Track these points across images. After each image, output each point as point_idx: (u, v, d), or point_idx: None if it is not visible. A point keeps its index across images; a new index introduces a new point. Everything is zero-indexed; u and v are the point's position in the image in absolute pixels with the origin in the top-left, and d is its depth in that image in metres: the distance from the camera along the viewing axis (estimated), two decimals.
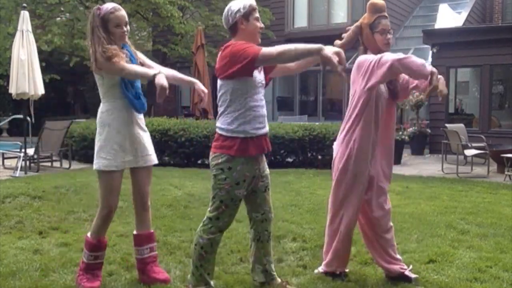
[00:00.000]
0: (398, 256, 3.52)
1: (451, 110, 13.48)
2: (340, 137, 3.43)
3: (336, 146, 3.45)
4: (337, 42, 3.40)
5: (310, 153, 9.86)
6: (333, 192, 3.49)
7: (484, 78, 12.44)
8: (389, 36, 3.32)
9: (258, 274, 3.25)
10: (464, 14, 15.62)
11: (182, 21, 14.42)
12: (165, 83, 3.00)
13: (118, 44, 3.21)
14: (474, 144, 10.09)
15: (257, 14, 3.03)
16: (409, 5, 16.95)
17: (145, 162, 3.37)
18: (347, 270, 3.58)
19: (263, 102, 3.09)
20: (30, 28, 8.79)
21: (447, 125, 11.02)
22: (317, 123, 10.59)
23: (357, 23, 3.38)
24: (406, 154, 11.58)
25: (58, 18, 15.93)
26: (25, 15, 8.72)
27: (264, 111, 3.07)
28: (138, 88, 3.31)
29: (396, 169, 9.57)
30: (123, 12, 3.21)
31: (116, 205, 3.34)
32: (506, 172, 8.58)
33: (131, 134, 3.28)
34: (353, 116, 3.30)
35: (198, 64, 11.53)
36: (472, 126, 12.50)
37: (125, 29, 3.21)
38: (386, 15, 3.35)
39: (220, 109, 3.02)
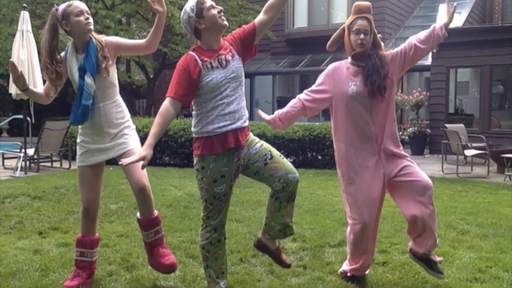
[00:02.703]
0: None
1: (451, 110, 13.48)
2: None
3: None
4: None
5: (310, 153, 9.87)
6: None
7: (484, 78, 12.44)
8: (362, 36, 3.25)
9: (273, 231, 3.05)
10: (464, 14, 15.62)
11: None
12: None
13: (83, 37, 3.21)
14: (474, 144, 10.09)
15: (207, 3, 2.92)
16: (409, 5, 16.96)
17: (115, 153, 3.31)
18: (362, 274, 3.51)
19: (232, 98, 2.93)
20: (30, 28, 8.80)
21: (447, 125, 11.02)
22: (317, 123, 10.59)
23: (343, 26, 3.40)
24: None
25: None
26: (25, 15, 8.73)
27: (232, 107, 2.92)
28: (84, 102, 3.21)
29: None
30: (79, 2, 3.23)
31: (93, 201, 3.35)
32: (506, 173, 8.58)
33: (99, 135, 3.31)
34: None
35: None
36: (472, 126, 12.50)
37: (87, 16, 3.19)
38: (367, 16, 3.29)
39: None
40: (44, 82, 3.48)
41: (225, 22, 2.97)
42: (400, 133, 11.12)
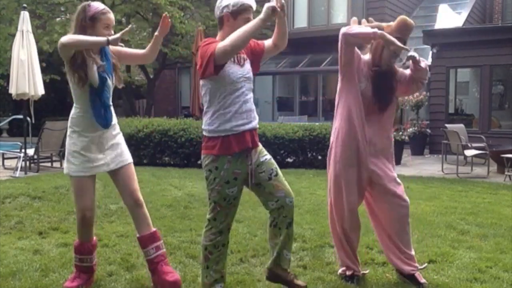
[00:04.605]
0: (412, 252, 3.48)
1: (451, 110, 13.48)
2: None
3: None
4: (374, 25, 3.33)
5: (310, 153, 9.87)
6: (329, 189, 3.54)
7: (484, 78, 12.44)
8: (394, 60, 3.31)
9: (272, 262, 3.09)
10: (464, 14, 15.63)
11: (182, 20, 14.43)
12: (117, 36, 3.02)
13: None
14: (474, 145, 10.09)
15: (248, 15, 2.94)
16: (409, 5, 16.96)
17: (116, 165, 3.32)
18: (360, 273, 3.53)
19: (248, 96, 2.97)
20: (30, 29, 8.79)
21: (447, 125, 11.02)
22: (317, 124, 10.59)
23: (383, 25, 3.30)
24: (406, 154, 11.58)
25: (58, 19, 15.93)
26: (25, 15, 8.72)
27: (248, 105, 2.96)
28: (105, 99, 3.24)
29: (396, 170, 9.50)
30: (112, 15, 3.21)
31: (89, 208, 3.30)
32: (506, 173, 8.58)
33: (98, 141, 3.26)
34: (336, 104, 3.44)
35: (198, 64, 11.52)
36: (472, 127, 12.50)
37: (111, 32, 3.20)
38: (406, 39, 3.29)
39: (204, 109, 3.01)
40: (44, 82, 3.48)
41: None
42: (400, 133, 11.11)
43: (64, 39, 3.02)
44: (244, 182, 3.01)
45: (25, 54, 8.50)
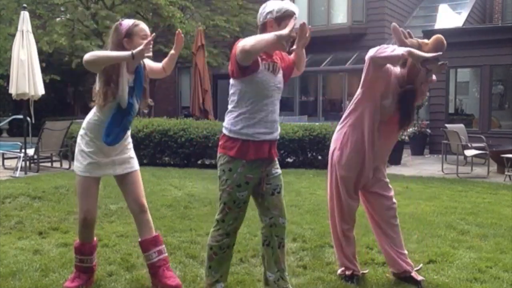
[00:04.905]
0: (405, 251, 3.53)
1: (451, 110, 13.48)
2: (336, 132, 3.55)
3: (332, 142, 3.56)
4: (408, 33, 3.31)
5: (310, 153, 9.87)
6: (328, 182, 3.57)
7: (484, 78, 12.44)
8: (432, 79, 3.29)
9: (268, 281, 3.09)
10: (464, 14, 15.63)
11: (182, 20, 14.44)
12: (141, 48, 2.98)
13: (139, 60, 3.16)
14: (474, 145, 10.09)
15: (290, 27, 2.86)
16: (409, 5, 16.96)
17: (123, 170, 3.33)
18: (360, 273, 3.54)
19: (276, 106, 2.95)
20: (30, 29, 8.79)
21: (447, 125, 11.02)
22: (317, 124, 10.59)
23: (420, 41, 3.26)
24: (406, 154, 11.58)
25: (58, 19, 15.94)
26: (25, 15, 8.72)
27: (275, 116, 2.95)
28: (127, 123, 3.24)
29: (396, 169, 9.61)
30: (145, 25, 3.20)
31: (92, 211, 3.30)
32: (506, 173, 8.58)
33: (108, 149, 3.26)
34: (349, 110, 3.43)
35: (198, 64, 11.54)
36: (472, 127, 12.50)
37: (151, 41, 3.15)
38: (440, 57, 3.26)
39: (228, 107, 2.97)
40: (44, 82, 3.46)
41: (286, 48, 2.97)
42: (400, 133, 11.11)
43: (87, 56, 2.98)
44: (254, 188, 3.00)
45: (25, 54, 8.50)
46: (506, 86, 13.46)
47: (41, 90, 8.75)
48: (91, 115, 3.26)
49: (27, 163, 8.91)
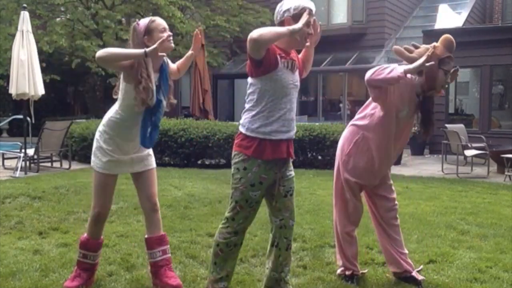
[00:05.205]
0: (405, 251, 3.54)
1: (451, 110, 13.48)
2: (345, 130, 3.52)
3: (341, 140, 3.53)
4: (414, 46, 3.27)
5: (310, 153, 9.86)
6: (333, 184, 3.56)
7: (484, 78, 12.44)
8: (448, 80, 3.24)
9: (271, 280, 3.10)
10: (464, 14, 15.63)
11: (182, 20, 14.44)
12: (154, 46, 2.96)
13: (162, 55, 3.14)
14: (474, 145, 10.10)
15: (310, 19, 2.88)
16: (409, 5, 16.96)
17: (141, 168, 3.34)
18: (360, 273, 3.55)
19: (293, 105, 2.94)
20: (30, 29, 8.79)
21: (447, 125, 11.02)
22: (317, 124, 10.59)
23: (431, 47, 3.18)
24: (406, 154, 11.58)
25: (58, 19, 15.94)
26: (25, 15, 8.72)
27: (292, 114, 2.92)
28: (157, 120, 3.20)
29: (396, 169, 9.60)
30: (161, 20, 3.19)
31: (107, 207, 3.31)
32: (506, 173, 8.58)
33: (129, 147, 3.26)
34: (364, 113, 3.39)
35: (199, 64, 11.54)
36: (472, 127, 12.50)
37: (170, 33, 3.16)
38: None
39: (245, 106, 2.95)
40: (44, 82, 3.45)
41: (305, 45, 3.00)
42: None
43: (99, 53, 2.97)
44: (267, 188, 2.98)
45: (25, 54, 8.50)
46: (506, 86, 13.46)
47: (41, 90, 8.75)
48: (112, 112, 3.23)
49: (27, 163, 8.91)
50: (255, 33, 2.68)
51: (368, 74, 3.16)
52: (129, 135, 3.23)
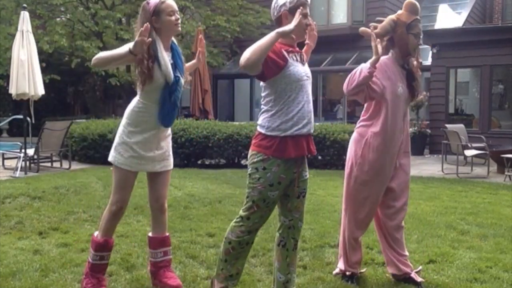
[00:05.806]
0: (406, 253, 3.52)
1: (451, 110, 13.49)
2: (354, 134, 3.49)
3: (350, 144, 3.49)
4: (373, 26, 3.29)
5: None
6: (344, 189, 3.52)
7: (484, 78, 12.44)
8: (420, 41, 3.29)
9: (279, 285, 3.07)
10: (464, 14, 15.64)
11: (182, 20, 14.44)
12: (136, 40, 2.93)
13: (169, 37, 3.17)
14: (474, 145, 10.10)
15: (305, 10, 2.88)
16: None
17: (161, 168, 3.30)
18: (359, 273, 3.55)
19: (310, 97, 2.91)
20: (30, 29, 8.79)
21: (447, 125, 11.02)
22: (316, 124, 10.58)
23: (393, 17, 3.28)
24: None
25: (58, 19, 15.95)
26: (25, 15, 8.72)
27: (310, 106, 2.89)
28: (176, 99, 3.20)
29: None
30: (172, 1, 3.16)
31: (127, 202, 3.26)
32: (506, 173, 8.58)
33: (153, 141, 3.22)
34: (369, 113, 3.38)
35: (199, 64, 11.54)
36: (472, 127, 12.51)
37: (178, 17, 3.15)
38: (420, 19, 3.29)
39: (263, 108, 2.93)
40: (44, 82, 3.44)
41: (305, 37, 2.99)
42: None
43: (93, 60, 3.04)
44: (284, 188, 2.96)
45: (25, 54, 8.50)
46: (506, 86, 13.46)
47: (41, 90, 8.75)
48: (135, 102, 3.21)
49: (27, 163, 8.90)
50: (242, 60, 2.68)
51: (344, 88, 3.21)
52: (153, 123, 3.16)
